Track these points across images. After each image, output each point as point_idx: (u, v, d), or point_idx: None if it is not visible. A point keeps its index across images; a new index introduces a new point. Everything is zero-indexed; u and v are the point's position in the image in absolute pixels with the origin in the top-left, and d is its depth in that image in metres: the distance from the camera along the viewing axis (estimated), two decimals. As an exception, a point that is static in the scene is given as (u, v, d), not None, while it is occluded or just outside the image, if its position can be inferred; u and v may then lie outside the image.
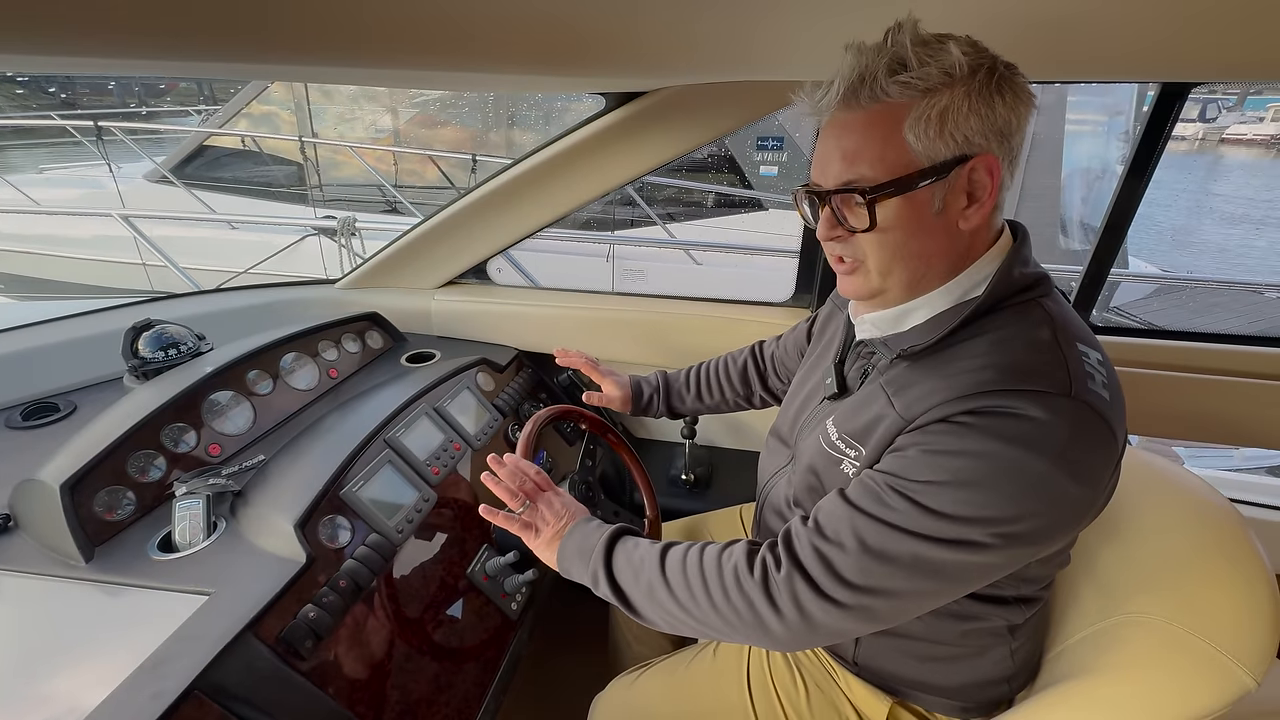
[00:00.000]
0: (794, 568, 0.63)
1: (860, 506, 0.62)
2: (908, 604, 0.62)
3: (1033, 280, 0.65)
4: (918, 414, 0.62)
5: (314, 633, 0.75)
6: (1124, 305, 4.00)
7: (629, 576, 0.72)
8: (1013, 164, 0.62)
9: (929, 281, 0.66)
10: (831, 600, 0.61)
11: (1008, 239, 0.67)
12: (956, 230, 0.63)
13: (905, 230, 0.62)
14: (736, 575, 0.65)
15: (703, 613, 0.67)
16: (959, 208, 0.61)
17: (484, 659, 0.95)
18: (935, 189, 0.60)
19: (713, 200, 5.33)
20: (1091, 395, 0.58)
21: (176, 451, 0.99)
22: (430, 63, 0.80)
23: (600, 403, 1.20)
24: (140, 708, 0.61)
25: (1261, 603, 0.64)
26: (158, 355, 1.16)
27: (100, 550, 0.84)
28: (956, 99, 0.57)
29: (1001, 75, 0.58)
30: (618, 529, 0.78)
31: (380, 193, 5.85)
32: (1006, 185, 0.62)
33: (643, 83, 1.19)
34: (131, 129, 5.94)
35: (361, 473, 0.97)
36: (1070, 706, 0.67)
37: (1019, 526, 0.57)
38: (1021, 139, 0.61)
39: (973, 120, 0.58)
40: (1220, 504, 0.74)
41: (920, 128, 0.58)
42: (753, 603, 0.64)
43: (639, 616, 0.73)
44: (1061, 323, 0.63)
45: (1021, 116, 0.60)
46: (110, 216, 3.93)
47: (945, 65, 0.57)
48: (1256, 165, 19.45)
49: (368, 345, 1.44)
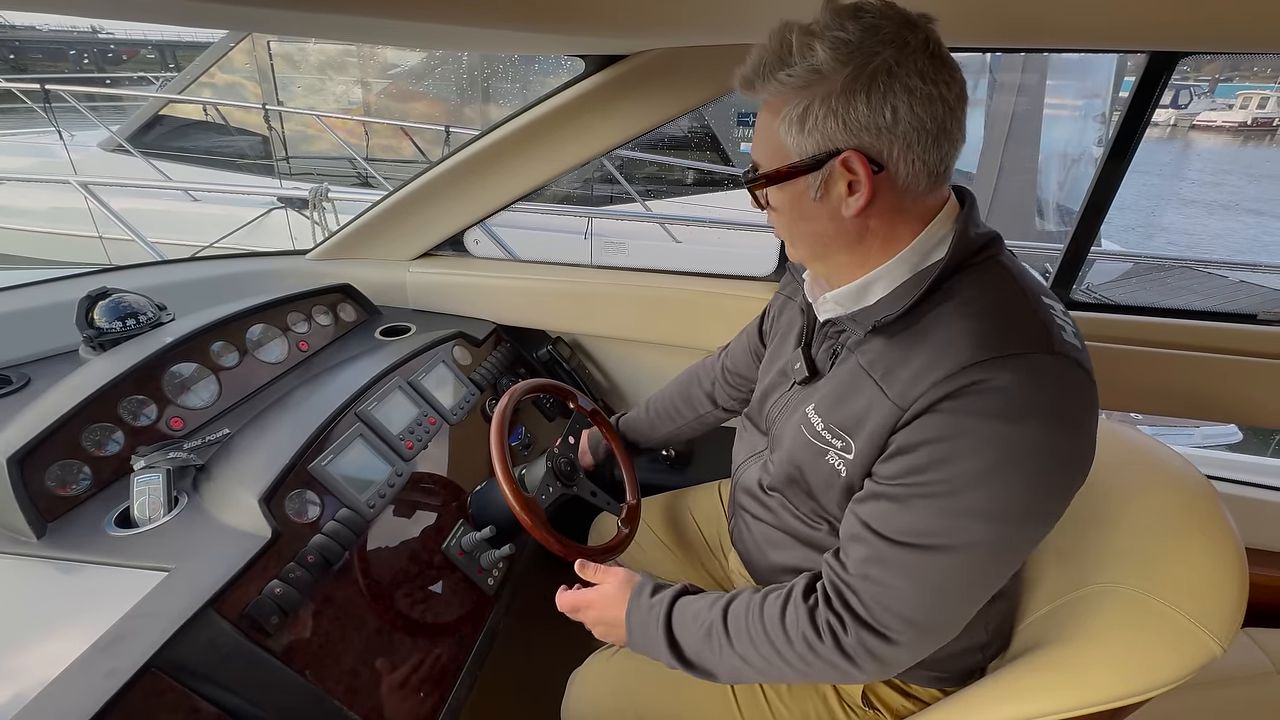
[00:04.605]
0: (859, 626, 0.64)
1: (896, 539, 0.62)
2: (971, 608, 0.64)
3: (987, 239, 0.65)
4: (911, 400, 0.61)
5: (280, 609, 0.73)
6: (1096, 285, 4.07)
7: (708, 658, 0.73)
8: (912, 145, 0.59)
9: (847, 257, 0.68)
10: (902, 643, 0.63)
11: (954, 204, 0.67)
12: (842, 216, 0.63)
13: (790, 214, 0.67)
14: (809, 644, 0.66)
15: (783, 676, 0.71)
16: (840, 195, 0.62)
17: (460, 634, 0.93)
18: (810, 179, 0.62)
19: (693, 178, 5.28)
20: (1069, 347, 0.59)
21: (136, 425, 0.95)
22: (399, 11, 0.75)
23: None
24: (94, 686, 0.58)
25: (1230, 573, 0.65)
26: (115, 325, 1.11)
27: (53, 526, 0.80)
28: (817, 99, 0.58)
29: (877, 68, 0.56)
30: (667, 613, 0.75)
31: (351, 165, 5.67)
32: (906, 173, 0.60)
33: (626, 44, 1.15)
34: (86, 94, 5.65)
35: (331, 446, 0.94)
36: (1041, 674, 0.68)
37: (1038, 498, 0.59)
38: (919, 123, 0.58)
39: (830, 121, 0.58)
40: (1194, 477, 0.75)
41: (785, 125, 0.61)
42: (834, 665, 0.66)
43: (725, 683, 0.78)
44: (1021, 278, 0.64)
45: (899, 107, 0.57)
46: (68, 184, 3.74)
47: (814, 63, 0.58)
48: (1224, 153, 19.97)
49: (340, 318, 1.40)
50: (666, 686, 0.92)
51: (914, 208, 0.64)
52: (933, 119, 0.58)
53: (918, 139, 0.59)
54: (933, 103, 0.58)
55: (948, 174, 0.64)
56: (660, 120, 1.30)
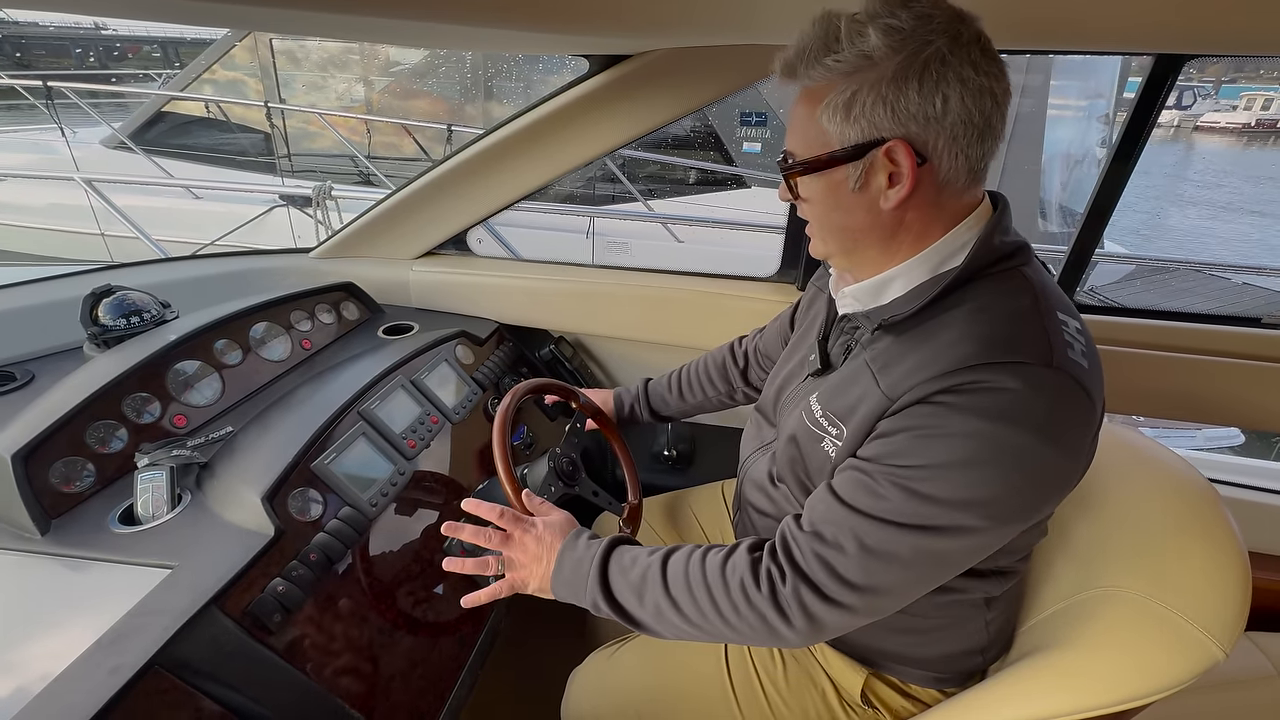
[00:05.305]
0: (799, 578, 0.63)
1: (854, 505, 0.62)
2: (910, 592, 0.64)
3: (1013, 249, 0.65)
4: (901, 392, 0.61)
5: (283, 606, 0.73)
6: (1099, 287, 4.06)
7: (632, 600, 0.71)
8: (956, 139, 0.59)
9: (877, 252, 0.67)
10: (838, 604, 0.62)
11: (987, 207, 0.67)
12: (879, 209, 0.62)
13: (825, 205, 0.65)
14: (744, 590, 0.65)
15: (713, 627, 0.68)
16: (880, 187, 0.61)
17: (461, 633, 0.94)
18: (850, 169, 0.61)
19: (695, 177, 5.27)
20: (1071, 364, 0.58)
21: (140, 422, 0.95)
22: (403, 10, 0.75)
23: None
24: (98, 682, 0.58)
25: (1233, 577, 0.65)
26: (119, 323, 1.11)
27: (57, 523, 0.80)
28: (866, 85, 0.58)
29: (930, 57, 0.56)
30: (605, 551, 0.75)
31: (353, 164, 5.67)
32: (948, 167, 0.60)
33: (630, 44, 1.15)
34: (88, 91, 5.65)
35: (334, 445, 0.94)
36: (1042, 677, 0.68)
37: (1009, 503, 0.58)
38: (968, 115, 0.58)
39: (879, 109, 0.58)
40: (1197, 480, 0.74)
41: (829, 112, 0.60)
42: (764, 616, 0.64)
43: (647, 633, 0.73)
44: (1042, 291, 0.63)
45: (950, 98, 0.57)
46: (71, 181, 3.75)
47: (865, 49, 0.57)
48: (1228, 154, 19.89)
49: (343, 316, 1.40)
50: (666, 685, 0.92)
51: (950, 204, 0.64)
52: (980, 113, 0.58)
53: (964, 132, 0.58)
54: (982, 96, 0.58)
55: (985, 173, 0.64)
56: (664, 120, 1.30)
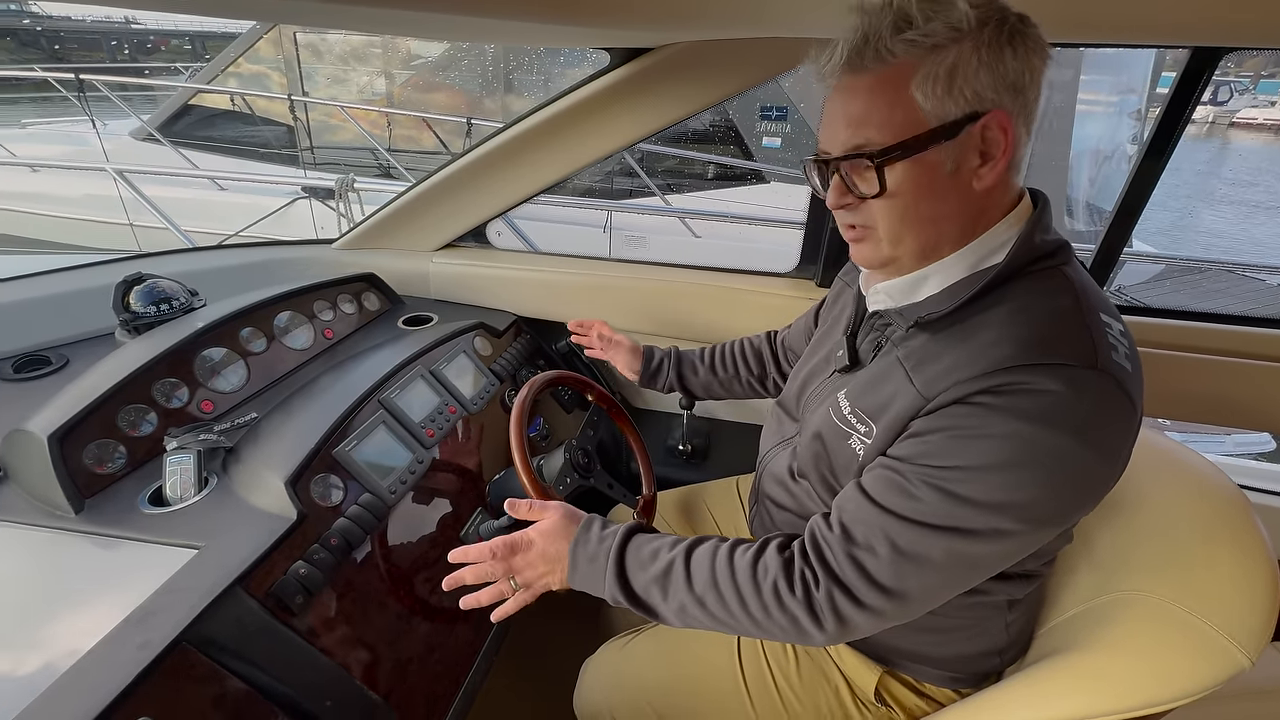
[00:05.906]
0: (832, 582, 0.62)
1: (887, 506, 0.61)
2: (939, 595, 0.63)
3: (1054, 247, 0.63)
4: (937, 392, 0.60)
5: (305, 588, 0.75)
6: (1126, 287, 3.97)
7: (655, 594, 0.69)
8: (1028, 119, 0.60)
9: (941, 248, 0.65)
10: (869, 608, 0.61)
11: (1028, 205, 0.65)
12: (970, 191, 0.61)
13: (916, 194, 0.61)
14: (777, 593, 0.64)
15: (739, 625, 0.67)
16: (972, 167, 0.60)
17: (476, 620, 0.95)
18: (946, 149, 0.58)
19: (713, 172, 5.24)
20: (1115, 367, 0.57)
21: (169, 407, 0.98)
22: (426, 3, 0.76)
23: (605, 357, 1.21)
24: (128, 657, 0.60)
25: (1261, 585, 0.63)
26: (149, 310, 1.14)
27: (90, 502, 0.82)
28: (965, 54, 0.56)
29: (1013, 26, 0.56)
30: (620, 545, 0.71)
31: (373, 156, 5.73)
32: (1024, 142, 0.60)
33: (651, 37, 1.15)
34: (119, 83, 5.77)
35: (355, 432, 0.96)
36: (1060, 679, 0.67)
37: (1046, 507, 0.57)
38: (1037, 94, 0.59)
39: (983, 75, 0.56)
40: (1227, 486, 0.73)
41: (928, 86, 0.57)
42: (796, 619, 0.63)
43: (665, 624, 0.71)
44: (1083, 292, 0.61)
45: (1035, 69, 0.57)
46: (102, 171, 3.84)
47: (952, 20, 0.55)
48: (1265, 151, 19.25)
49: (364, 307, 1.42)
50: (679, 675, 0.92)
51: (1000, 198, 0.63)
52: (1039, 92, 0.58)
53: (1035, 108, 0.58)
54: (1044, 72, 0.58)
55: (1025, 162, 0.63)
56: (685, 114, 1.29)
